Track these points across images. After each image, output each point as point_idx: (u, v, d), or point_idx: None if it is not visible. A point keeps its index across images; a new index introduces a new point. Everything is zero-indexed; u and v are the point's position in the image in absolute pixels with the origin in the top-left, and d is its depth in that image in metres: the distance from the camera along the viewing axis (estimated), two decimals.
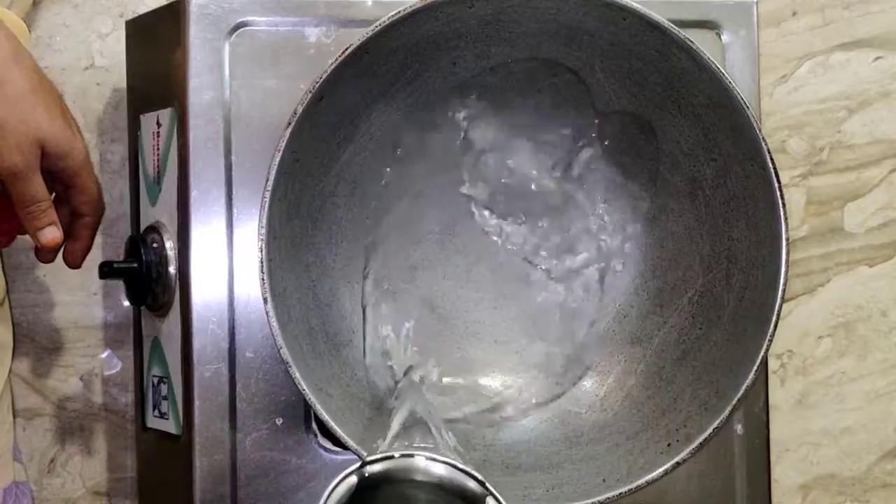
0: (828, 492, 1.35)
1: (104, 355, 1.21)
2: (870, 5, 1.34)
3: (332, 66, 0.95)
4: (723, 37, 1.12)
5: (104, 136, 1.20)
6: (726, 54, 1.12)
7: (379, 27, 0.95)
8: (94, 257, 1.19)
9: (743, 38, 1.12)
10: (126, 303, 1.15)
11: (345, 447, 0.97)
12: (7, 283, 1.11)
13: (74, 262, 1.05)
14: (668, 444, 1.01)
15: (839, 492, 1.35)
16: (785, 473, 1.34)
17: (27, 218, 0.99)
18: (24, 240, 1.18)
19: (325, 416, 0.96)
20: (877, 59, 1.35)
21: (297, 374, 0.95)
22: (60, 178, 1.00)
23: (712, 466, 1.11)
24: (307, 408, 1.04)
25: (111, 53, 1.20)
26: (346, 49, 0.96)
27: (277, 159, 0.95)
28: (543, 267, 1.09)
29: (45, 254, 1.03)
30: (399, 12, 0.96)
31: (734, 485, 1.12)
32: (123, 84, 1.17)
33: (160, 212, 1.08)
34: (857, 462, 1.36)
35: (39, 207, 0.99)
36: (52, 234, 1.00)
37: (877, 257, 1.36)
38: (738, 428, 1.12)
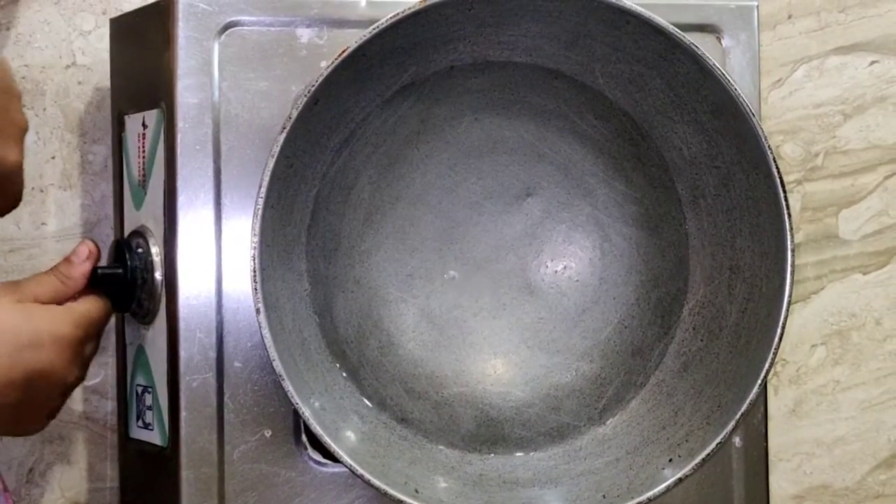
0: (821, 502, 1.34)
1: None
2: (866, 9, 1.33)
3: (329, 69, 0.93)
4: (723, 41, 1.10)
5: (86, 137, 1.17)
6: (727, 58, 1.10)
7: (378, 29, 0.93)
8: None
9: (744, 42, 1.10)
10: None
11: (336, 460, 0.95)
12: None
13: None
14: (670, 459, 1.00)
15: (832, 502, 1.34)
16: (778, 484, 1.32)
17: None
18: (1, 241, 1.15)
19: (318, 430, 0.94)
20: (872, 63, 1.34)
21: (290, 388, 0.93)
22: None
23: (710, 479, 1.09)
24: (297, 419, 1.01)
25: (93, 52, 1.17)
26: (344, 51, 0.93)
27: (271, 165, 0.93)
28: (543, 276, 1.07)
29: None
30: (398, 14, 0.93)
31: (732, 497, 1.10)
32: (106, 83, 1.14)
33: (145, 216, 1.06)
34: (850, 472, 1.34)
35: None
36: None
37: (871, 265, 1.34)
38: (737, 440, 1.10)
